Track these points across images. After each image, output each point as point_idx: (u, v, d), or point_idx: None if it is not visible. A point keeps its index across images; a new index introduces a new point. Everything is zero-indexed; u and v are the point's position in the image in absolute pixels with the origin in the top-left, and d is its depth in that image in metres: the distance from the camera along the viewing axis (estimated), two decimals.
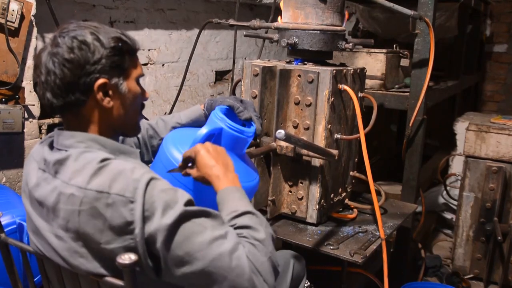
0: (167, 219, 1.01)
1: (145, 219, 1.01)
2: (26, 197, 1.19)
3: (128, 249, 1.01)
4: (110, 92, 1.14)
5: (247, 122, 1.50)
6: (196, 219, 1.05)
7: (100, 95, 1.12)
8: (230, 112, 1.49)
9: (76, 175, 1.06)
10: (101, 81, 1.11)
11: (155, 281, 1.09)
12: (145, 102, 1.29)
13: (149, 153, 1.63)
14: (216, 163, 1.25)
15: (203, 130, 1.34)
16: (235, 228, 1.14)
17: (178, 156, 1.35)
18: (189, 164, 1.29)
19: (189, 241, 1.03)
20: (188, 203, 1.06)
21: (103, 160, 1.08)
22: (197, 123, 1.59)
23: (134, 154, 1.22)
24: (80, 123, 1.16)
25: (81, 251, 1.05)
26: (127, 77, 1.17)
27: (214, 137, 1.37)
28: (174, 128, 1.61)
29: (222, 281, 1.04)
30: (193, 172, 1.28)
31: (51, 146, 1.18)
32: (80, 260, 1.06)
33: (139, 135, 1.58)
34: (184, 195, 1.07)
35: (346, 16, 1.96)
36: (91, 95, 1.12)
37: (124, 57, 1.15)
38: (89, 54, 1.09)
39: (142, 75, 1.23)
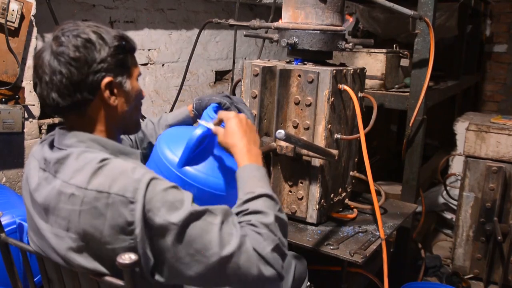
0: (175, 218, 1.01)
1: (147, 220, 1.01)
2: (28, 196, 1.19)
3: (128, 249, 1.01)
4: (115, 91, 1.16)
5: None
6: (204, 217, 1.05)
7: (107, 93, 1.14)
8: (220, 109, 1.51)
9: (76, 175, 1.06)
10: (107, 79, 1.12)
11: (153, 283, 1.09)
12: (143, 101, 1.30)
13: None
14: (244, 135, 1.26)
15: (198, 131, 1.34)
16: (246, 214, 1.13)
17: (171, 157, 1.35)
18: (222, 125, 1.31)
19: (198, 240, 1.03)
20: (193, 201, 1.07)
21: (102, 160, 1.08)
22: (184, 124, 1.62)
23: (134, 155, 1.22)
24: (84, 123, 1.16)
25: (81, 251, 1.05)
26: (130, 76, 1.20)
27: (208, 137, 1.38)
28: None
29: (232, 275, 1.05)
30: (220, 134, 1.29)
31: (51, 145, 1.18)
32: (79, 260, 1.05)
33: (133, 137, 1.59)
34: (187, 194, 1.08)
35: (350, 19, 1.96)
36: (98, 94, 1.13)
37: (127, 56, 1.17)
38: (95, 53, 1.10)
39: (140, 73, 1.25)
